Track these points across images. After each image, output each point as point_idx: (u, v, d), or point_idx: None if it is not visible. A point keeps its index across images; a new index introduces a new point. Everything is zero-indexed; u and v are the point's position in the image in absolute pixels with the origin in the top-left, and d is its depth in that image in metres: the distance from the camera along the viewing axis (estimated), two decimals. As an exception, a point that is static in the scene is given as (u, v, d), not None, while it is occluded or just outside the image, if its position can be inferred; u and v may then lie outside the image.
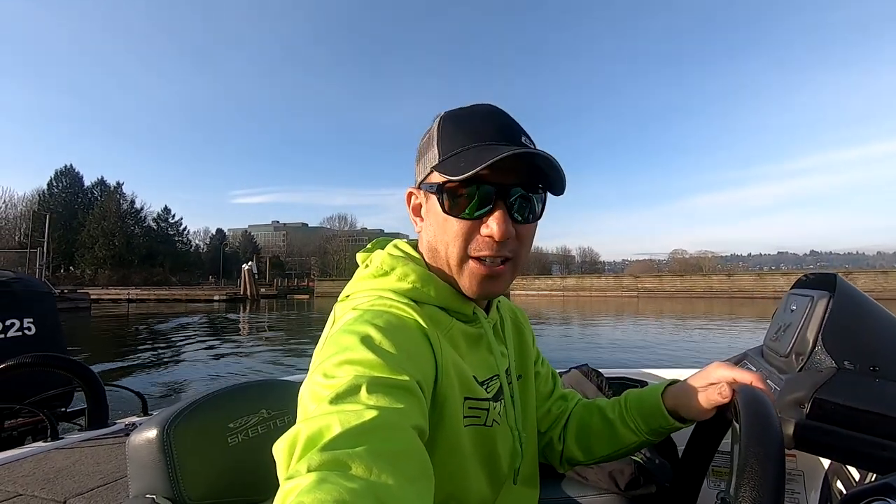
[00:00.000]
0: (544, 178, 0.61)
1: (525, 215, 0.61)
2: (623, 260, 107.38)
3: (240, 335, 16.92)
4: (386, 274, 0.63)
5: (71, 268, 58.62)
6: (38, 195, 60.48)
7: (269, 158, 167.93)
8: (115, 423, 2.10)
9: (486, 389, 0.63)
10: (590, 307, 29.01)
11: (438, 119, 0.65)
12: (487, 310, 0.71)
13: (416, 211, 0.67)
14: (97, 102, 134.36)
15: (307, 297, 50.16)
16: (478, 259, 0.60)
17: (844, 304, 0.91)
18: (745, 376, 0.64)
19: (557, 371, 1.56)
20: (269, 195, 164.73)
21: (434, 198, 0.61)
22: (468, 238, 0.60)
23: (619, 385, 1.65)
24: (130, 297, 40.82)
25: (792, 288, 1.18)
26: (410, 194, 0.67)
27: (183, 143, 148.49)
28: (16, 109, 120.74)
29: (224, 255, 77.33)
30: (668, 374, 1.79)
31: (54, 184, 62.00)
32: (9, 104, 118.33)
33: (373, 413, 0.40)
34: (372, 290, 0.62)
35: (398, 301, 0.59)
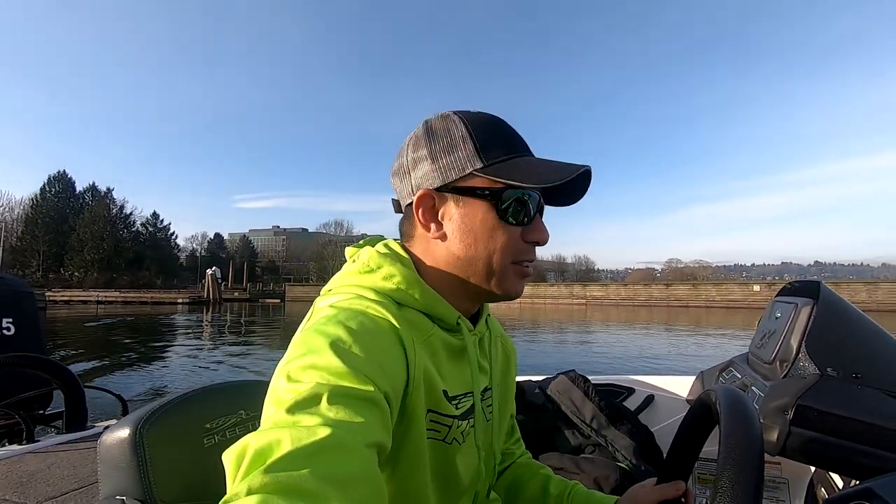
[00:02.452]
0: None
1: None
2: (626, 269, 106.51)
3: (155, 334, 17.47)
4: (371, 271, 0.60)
5: (61, 270, 60.72)
6: (31, 200, 62.95)
7: (273, 163, 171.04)
8: (94, 427, 2.08)
9: (455, 406, 0.60)
10: (543, 315, 29.12)
11: (458, 119, 0.60)
12: (475, 322, 0.68)
13: (432, 216, 0.61)
14: (120, 112, 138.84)
15: (278, 301, 51.04)
16: (518, 263, 0.61)
17: (828, 311, 0.92)
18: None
19: (545, 377, 1.66)
20: (272, 200, 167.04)
21: (477, 203, 0.59)
22: (517, 244, 0.60)
23: (605, 392, 1.61)
24: (99, 298, 42.28)
25: (777, 295, 1.18)
26: (425, 197, 0.60)
27: (184, 144, 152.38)
28: (23, 113, 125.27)
29: (210, 259, 78.90)
30: (654, 381, 1.75)
31: (47, 189, 64.31)
32: (18, 108, 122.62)
33: (326, 431, 0.38)
34: (353, 287, 0.60)
35: (377, 301, 0.56)
